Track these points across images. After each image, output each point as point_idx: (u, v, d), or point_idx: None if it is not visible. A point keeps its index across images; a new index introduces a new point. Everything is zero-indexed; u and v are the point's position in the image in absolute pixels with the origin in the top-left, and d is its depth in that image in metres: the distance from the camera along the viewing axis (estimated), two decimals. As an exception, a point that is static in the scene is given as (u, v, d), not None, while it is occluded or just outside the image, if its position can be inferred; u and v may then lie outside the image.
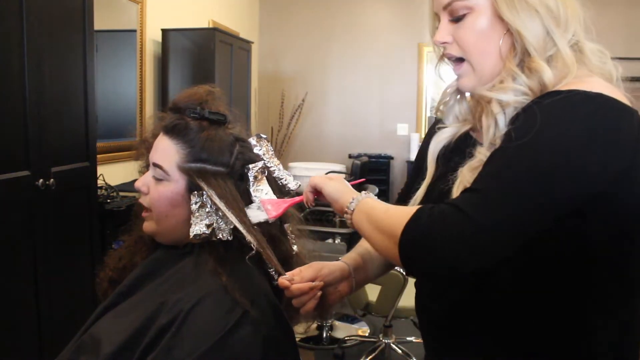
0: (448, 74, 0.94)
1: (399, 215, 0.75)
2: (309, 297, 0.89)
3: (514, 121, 0.75)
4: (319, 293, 0.90)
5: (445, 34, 0.85)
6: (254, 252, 0.91)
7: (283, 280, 0.88)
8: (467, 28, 0.82)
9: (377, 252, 0.81)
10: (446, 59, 0.90)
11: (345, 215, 0.85)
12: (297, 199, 0.96)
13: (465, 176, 0.79)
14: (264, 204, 0.93)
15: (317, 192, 0.93)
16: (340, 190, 0.88)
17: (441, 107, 0.97)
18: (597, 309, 0.79)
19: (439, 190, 0.88)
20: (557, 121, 0.70)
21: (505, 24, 0.80)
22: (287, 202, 0.95)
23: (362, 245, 1.05)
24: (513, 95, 0.78)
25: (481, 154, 0.79)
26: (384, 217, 0.78)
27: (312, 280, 0.89)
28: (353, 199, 0.84)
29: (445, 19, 0.85)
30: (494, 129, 0.79)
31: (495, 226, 0.68)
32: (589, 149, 0.69)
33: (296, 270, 0.90)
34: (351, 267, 0.98)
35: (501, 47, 0.81)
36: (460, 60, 0.85)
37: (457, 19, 0.83)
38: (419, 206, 0.75)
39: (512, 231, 0.69)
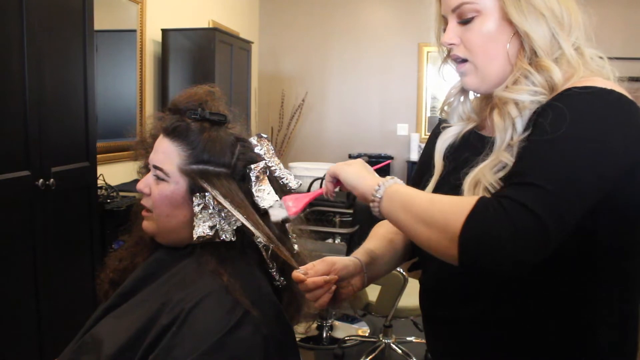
0: (451, 75, 0.96)
1: (452, 207, 0.72)
2: (323, 291, 0.88)
3: (540, 116, 0.77)
4: (334, 287, 0.89)
5: (453, 35, 0.87)
6: (271, 248, 0.91)
7: (298, 273, 0.87)
8: (475, 30, 0.85)
9: (418, 244, 0.77)
10: (450, 60, 0.92)
11: (371, 205, 0.81)
12: (317, 192, 0.93)
13: (485, 175, 0.79)
14: (285, 201, 0.91)
15: (338, 182, 0.89)
16: (359, 175, 0.84)
17: (445, 108, 0.99)
18: (600, 304, 0.81)
19: (449, 185, 0.89)
20: (585, 112, 0.74)
21: (513, 27, 0.82)
22: (308, 196, 0.92)
23: (373, 240, 1.04)
24: (528, 95, 0.80)
25: (502, 156, 0.79)
26: (431, 208, 0.74)
27: (326, 274, 0.89)
28: (379, 185, 0.80)
29: (453, 21, 0.87)
30: (511, 131, 0.81)
31: (559, 219, 0.68)
32: (617, 134, 0.73)
33: (309, 265, 0.89)
34: (363, 263, 0.97)
35: (508, 49, 0.84)
36: (465, 60, 0.88)
37: (465, 22, 0.85)
38: (474, 197, 0.72)
39: (570, 221, 0.70)
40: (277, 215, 0.91)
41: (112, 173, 2.92)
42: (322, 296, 0.88)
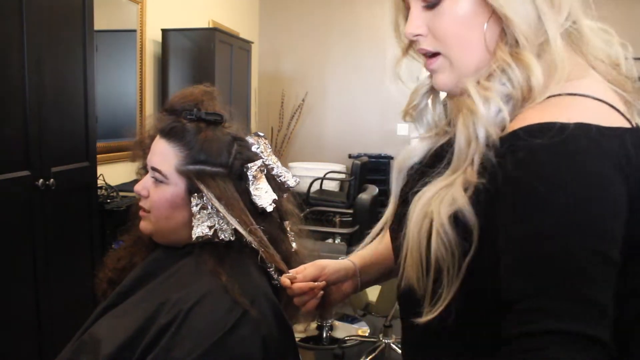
0: (410, 71, 0.82)
1: None
2: (310, 297, 0.87)
3: (502, 196, 0.61)
4: (321, 293, 0.88)
5: (418, 24, 0.70)
6: (260, 253, 0.91)
7: (284, 279, 0.87)
8: (445, 15, 0.67)
9: None
10: (411, 54, 0.79)
11: None
12: None
13: (437, 212, 0.63)
14: None
15: None
16: None
17: (411, 112, 0.84)
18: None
19: (399, 215, 0.76)
20: (555, 192, 0.57)
21: (489, 6, 0.65)
22: None
23: (373, 244, 1.00)
24: (495, 109, 0.64)
25: (456, 192, 0.63)
26: None
27: (315, 279, 0.88)
28: None
29: (417, 5, 0.70)
30: (475, 144, 0.65)
31: (599, 318, 0.54)
32: (600, 196, 0.57)
33: (300, 268, 0.89)
34: (357, 267, 0.95)
35: (485, 35, 0.67)
36: (435, 54, 0.71)
37: (431, 5, 0.68)
38: None
39: (610, 305, 0.56)
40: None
41: (112, 173, 2.92)
42: (309, 301, 0.87)
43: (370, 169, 5.07)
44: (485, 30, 0.67)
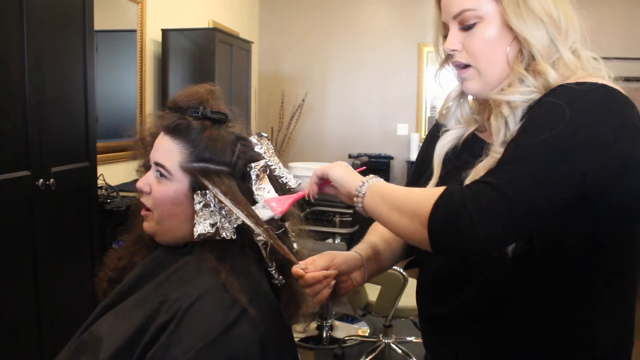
0: (447, 80, 0.97)
1: (423, 195, 0.75)
2: (323, 286, 0.89)
3: (530, 110, 0.80)
4: (333, 282, 0.90)
5: (455, 42, 0.88)
6: (269, 245, 0.91)
7: (297, 269, 0.88)
8: (476, 36, 0.86)
9: (396, 234, 0.80)
10: (448, 65, 0.94)
11: (355, 199, 0.84)
12: (300, 193, 0.95)
13: (480, 174, 0.80)
14: (268, 203, 0.93)
15: (321, 184, 0.93)
16: (347, 174, 0.88)
17: (443, 112, 1.00)
18: (598, 301, 0.82)
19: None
20: (572, 104, 0.74)
21: (513, 32, 0.84)
22: (291, 197, 0.95)
23: (373, 235, 1.05)
24: (520, 95, 0.82)
25: (497, 153, 0.81)
26: (405, 197, 0.78)
27: (326, 269, 0.89)
28: (363, 182, 0.84)
29: (454, 27, 0.88)
30: (504, 130, 0.83)
31: (529, 199, 0.69)
32: (606, 127, 0.74)
33: (309, 260, 0.90)
34: (363, 257, 0.98)
35: (508, 53, 0.86)
36: (466, 66, 0.89)
37: (466, 28, 0.87)
38: (444, 187, 0.74)
39: (545, 204, 0.71)
40: (262, 215, 0.92)
41: (112, 173, 2.92)
42: (322, 291, 0.88)
43: (370, 169, 5.06)
44: (508, 49, 0.85)
